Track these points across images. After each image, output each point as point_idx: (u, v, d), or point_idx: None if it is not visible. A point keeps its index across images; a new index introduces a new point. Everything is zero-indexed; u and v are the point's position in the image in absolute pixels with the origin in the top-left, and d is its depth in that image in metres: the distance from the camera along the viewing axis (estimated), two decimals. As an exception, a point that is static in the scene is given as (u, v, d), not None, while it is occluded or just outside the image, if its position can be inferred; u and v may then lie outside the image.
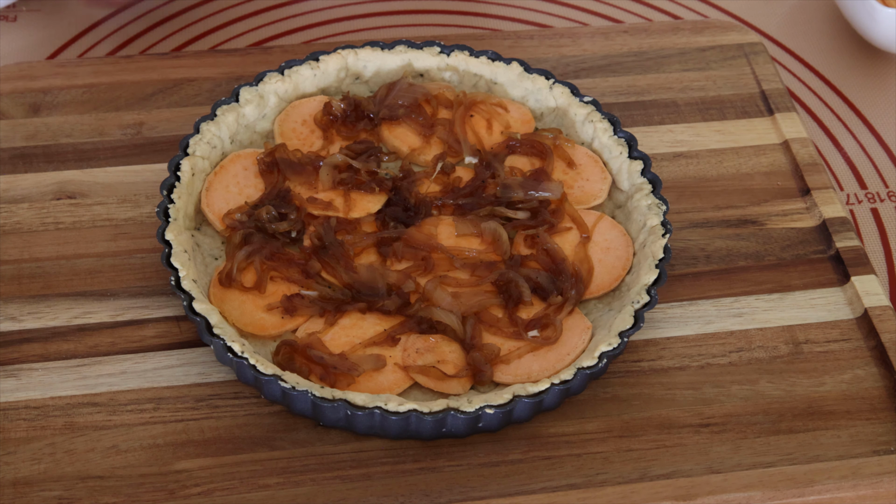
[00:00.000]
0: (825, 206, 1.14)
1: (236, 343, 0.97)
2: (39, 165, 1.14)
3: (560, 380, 0.97)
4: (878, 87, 1.36)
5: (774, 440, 0.99)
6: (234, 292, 1.03)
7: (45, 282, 1.06)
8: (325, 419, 0.97)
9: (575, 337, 1.02)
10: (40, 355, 1.02)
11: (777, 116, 1.22)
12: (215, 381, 1.01)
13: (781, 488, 0.96)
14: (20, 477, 0.95)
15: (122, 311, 1.05)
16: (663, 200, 1.08)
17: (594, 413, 1.00)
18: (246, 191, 1.10)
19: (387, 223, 1.09)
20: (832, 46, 1.40)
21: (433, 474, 0.96)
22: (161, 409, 0.99)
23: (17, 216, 1.11)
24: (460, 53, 1.18)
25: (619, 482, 0.96)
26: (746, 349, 1.05)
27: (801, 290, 1.09)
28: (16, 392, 1.00)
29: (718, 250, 1.11)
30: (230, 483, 0.95)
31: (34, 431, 0.98)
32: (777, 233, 1.13)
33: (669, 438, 0.99)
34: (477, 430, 0.98)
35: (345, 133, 1.15)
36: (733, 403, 1.01)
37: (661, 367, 1.04)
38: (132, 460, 0.96)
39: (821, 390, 1.03)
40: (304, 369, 0.99)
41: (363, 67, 1.19)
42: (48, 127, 1.17)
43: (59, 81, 1.21)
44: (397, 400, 0.95)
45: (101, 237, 1.10)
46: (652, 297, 1.02)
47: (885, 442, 0.99)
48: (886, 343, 1.05)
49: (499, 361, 1.01)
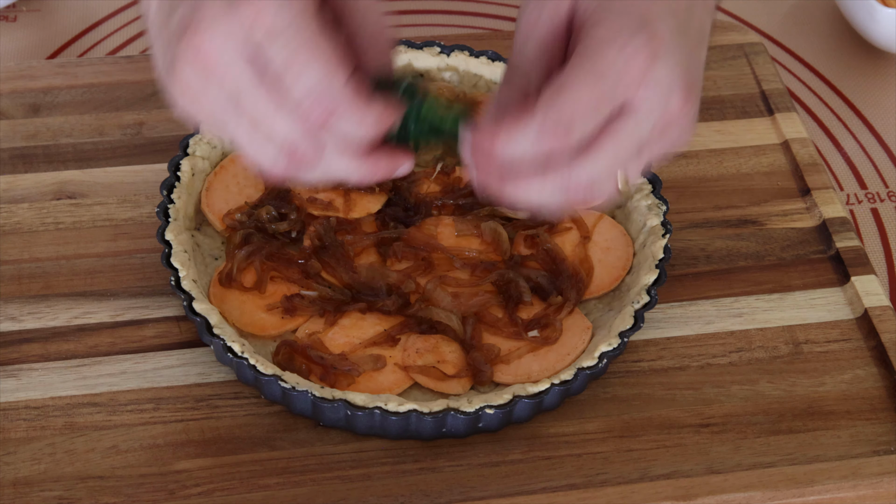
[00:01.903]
0: (825, 206, 1.14)
1: (236, 343, 0.97)
2: (39, 165, 1.14)
3: (560, 380, 0.97)
4: (878, 87, 1.36)
5: (774, 440, 0.99)
6: (234, 292, 1.04)
7: (45, 282, 1.06)
8: (325, 419, 0.98)
9: (575, 337, 1.02)
10: (40, 355, 1.02)
11: (777, 116, 1.22)
12: (215, 381, 1.01)
13: (781, 488, 0.96)
14: (20, 477, 0.95)
15: (122, 311, 1.05)
16: (663, 200, 1.08)
17: (594, 413, 1.00)
18: (246, 191, 1.10)
19: (387, 223, 1.09)
20: (832, 46, 1.40)
21: (433, 474, 0.96)
22: (161, 409, 0.99)
23: (17, 216, 1.11)
24: (460, 53, 1.18)
25: (619, 482, 0.96)
26: (746, 349, 1.05)
27: (801, 290, 1.09)
28: (16, 392, 1.00)
29: (718, 250, 1.11)
30: (230, 483, 0.95)
31: (34, 431, 0.98)
32: (777, 233, 1.13)
33: (669, 438, 0.99)
34: (477, 430, 0.98)
35: (345, 133, 1.15)
36: (733, 403, 1.01)
37: (661, 367, 1.04)
38: (132, 460, 0.96)
39: (821, 390, 1.03)
40: (304, 369, 0.99)
41: (363, 67, 1.19)
42: (48, 127, 1.17)
43: (59, 81, 1.21)
44: (397, 400, 0.95)
45: (101, 237, 1.10)
46: (652, 298, 1.02)
47: (885, 442, 0.99)
48: (886, 343, 1.05)
49: (499, 361, 1.01)
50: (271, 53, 0.79)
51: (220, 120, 0.83)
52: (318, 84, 0.79)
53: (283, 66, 0.79)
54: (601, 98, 0.81)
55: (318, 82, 0.79)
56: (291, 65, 0.79)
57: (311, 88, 0.79)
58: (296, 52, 0.79)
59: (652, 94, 0.82)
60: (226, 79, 0.80)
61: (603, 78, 0.81)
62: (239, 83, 0.80)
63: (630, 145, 0.82)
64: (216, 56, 0.80)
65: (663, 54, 0.82)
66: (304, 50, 0.79)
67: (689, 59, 0.84)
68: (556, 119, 0.80)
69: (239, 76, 0.80)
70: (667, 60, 0.82)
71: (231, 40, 0.79)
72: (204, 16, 0.80)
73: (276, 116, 0.80)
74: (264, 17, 0.79)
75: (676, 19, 0.84)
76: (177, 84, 0.82)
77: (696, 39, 0.86)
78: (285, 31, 0.79)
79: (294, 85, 0.79)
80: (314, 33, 0.79)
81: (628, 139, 0.82)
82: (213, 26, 0.80)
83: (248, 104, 0.80)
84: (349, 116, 0.80)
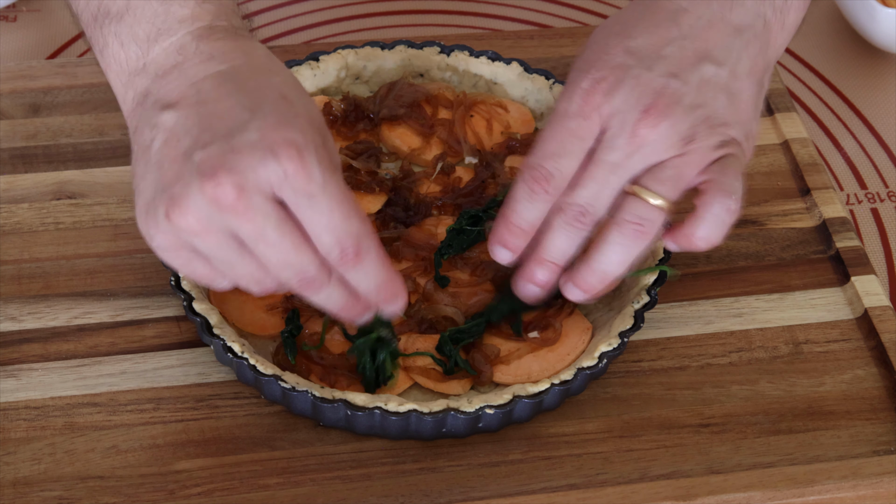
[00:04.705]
0: (825, 206, 1.14)
1: (236, 343, 0.97)
2: (39, 165, 1.14)
3: (560, 380, 0.97)
4: (878, 87, 1.36)
5: (774, 440, 0.99)
6: (235, 292, 1.03)
7: (45, 282, 1.06)
8: (325, 419, 0.97)
9: (575, 337, 1.02)
10: (40, 355, 1.02)
11: (777, 116, 1.22)
12: (215, 381, 1.01)
13: (781, 488, 0.96)
14: (20, 477, 0.95)
15: (122, 311, 1.05)
16: (663, 200, 1.08)
17: (594, 413, 1.00)
18: (246, 191, 1.10)
19: (387, 223, 1.09)
20: (832, 46, 1.40)
21: (433, 474, 0.96)
22: (161, 409, 0.99)
23: (17, 216, 1.11)
24: (460, 53, 1.18)
25: (619, 482, 0.96)
26: (746, 349, 1.05)
27: (801, 290, 1.09)
28: (16, 392, 1.00)
29: (718, 250, 1.11)
30: (230, 483, 0.95)
31: (34, 431, 0.98)
32: (777, 233, 1.13)
33: (669, 438, 0.99)
34: (477, 430, 0.98)
35: (345, 133, 1.15)
36: (733, 403, 1.01)
37: (661, 367, 1.04)
38: (132, 460, 0.96)
39: (821, 390, 1.03)
40: (305, 369, 0.99)
41: (363, 67, 1.19)
42: (48, 127, 1.17)
43: (59, 81, 1.21)
44: (397, 400, 0.95)
45: (101, 237, 1.10)
46: (652, 298, 1.02)
47: (886, 442, 0.99)
48: (886, 343, 1.05)
49: (499, 362, 1.01)
50: (305, 203, 0.85)
51: (210, 252, 0.87)
52: (357, 231, 0.87)
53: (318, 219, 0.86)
54: (565, 135, 0.93)
55: (356, 229, 0.87)
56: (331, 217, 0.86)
57: (351, 232, 0.86)
58: (337, 206, 0.86)
59: (610, 121, 0.93)
60: (252, 215, 0.85)
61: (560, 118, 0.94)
62: (266, 221, 0.85)
63: (608, 167, 0.92)
64: (247, 196, 0.84)
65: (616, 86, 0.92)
66: (346, 202, 0.86)
67: (653, 82, 0.92)
68: (533, 166, 0.93)
69: (269, 214, 0.85)
70: (620, 90, 0.92)
71: (265, 185, 0.84)
72: (241, 159, 0.84)
73: (303, 250, 0.86)
74: (305, 173, 0.84)
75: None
76: (180, 215, 0.85)
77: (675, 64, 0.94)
78: (324, 188, 0.85)
79: (331, 230, 0.86)
80: (346, 188, 0.87)
81: (603, 163, 0.93)
82: (249, 170, 0.84)
83: (272, 239, 0.85)
84: (374, 263, 0.89)
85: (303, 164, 0.84)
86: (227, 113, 0.86)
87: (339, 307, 0.91)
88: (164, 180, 0.86)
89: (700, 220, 0.94)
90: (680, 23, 0.95)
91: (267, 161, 0.84)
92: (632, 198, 0.93)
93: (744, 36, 0.95)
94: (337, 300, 0.90)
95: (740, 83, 0.95)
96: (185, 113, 0.87)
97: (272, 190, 0.84)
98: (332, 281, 0.88)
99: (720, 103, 0.94)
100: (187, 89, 0.88)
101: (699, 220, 0.94)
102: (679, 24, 0.95)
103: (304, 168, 0.84)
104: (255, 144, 0.84)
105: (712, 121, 0.93)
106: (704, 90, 0.93)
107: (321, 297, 0.89)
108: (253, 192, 0.84)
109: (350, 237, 0.86)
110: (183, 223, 0.85)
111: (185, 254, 0.88)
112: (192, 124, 0.86)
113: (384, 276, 0.90)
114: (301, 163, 0.84)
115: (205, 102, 0.87)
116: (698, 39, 0.94)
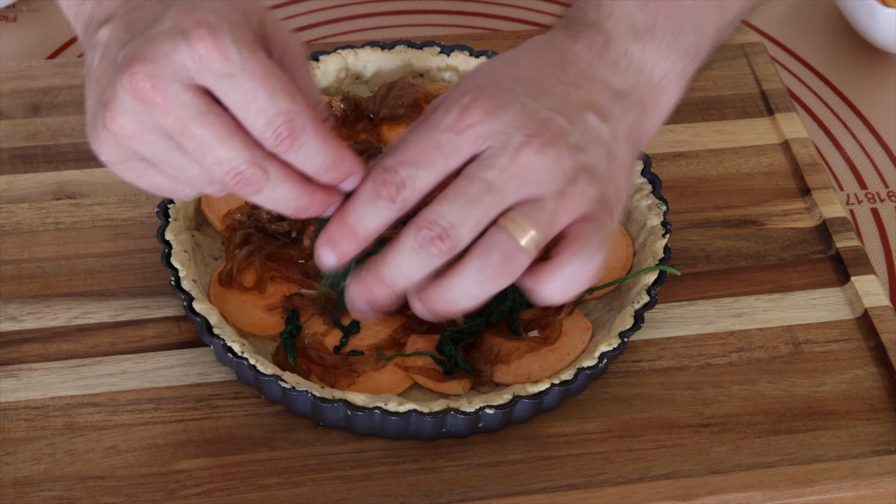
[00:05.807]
0: (825, 206, 1.14)
1: (236, 343, 0.97)
2: (39, 165, 1.14)
3: (560, 380, 0.97)
4: (878, 87, 1.36)
5: (774, 440, 0.99)
6: (234, 292, 1.04)
7: (45, 282, 1.06)
8: (325, 419, 0.98)
9: (575, 337, 1.02)
10: (40, 355, 1.02)
11: (777, 116, 1.22)
12: (215, 381, 1.01)
13: (781, 488, 0.96)
14: (20, 477, 0.95)
15: (122, 311, 1.05)
16: (663, 200, 1.08)
17: (594, 413, 1.00)
18: (246, 191, 1.10)
19: (387, 223, 1.09)
20: (832, 46, 1.40)
21: (433, 474, 0.96)
22: (161, 409, 0.99)
23: (17, 216, 1.11)
24: (460, 53, 1.18)
25: (619, 482, 0.96)
26: (746, 349, 1.05)
27: (801, 290, 1.09)
28: (16, 392, 1.00)
29: (718, 250, 1.11)
30: (230, 483, 0.95)
31: (34, 431, 0.98)
32: (777, 233, 1.13)
33: (669, 438, 0.99)
34: (477, 430, 0.98)
35: (345, 133, 1.15)
36: (733, 403, 1.01)
37: (661, 367, 1.04)
38: (132, 460, 0.96)
39: (821, 390, 1.03)
40: (305, 369, 0.99)
41: (363, 67, 1.19)
42: (48, 127, 1.17)
43: (59, 81, 1.21)
44: (397, 400, 0.95)
45: (101, 237, 1.10)
46: (652, 298, 1.02)
47: (886, 442, 0.99)
48: (886, 343, 1.05)
49: (499, 361, 1.01)
50: (226, 86, 0.80)
51: (154, 155, 0.83)
52: (287, 108, 0.81)
53: (242, 101, 0.80)
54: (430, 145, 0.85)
55: (285, 107, 0.81)
56: (255, 97, 0.80)
57: (281, 110, 0.81)
58: (260, 85, 0.80)
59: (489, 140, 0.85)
60: (171, 107, 0.81)
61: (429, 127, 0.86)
62: (186, 112, 0.80)
63: (482, 185, 0.84)
64: (164, 86, 0.80)
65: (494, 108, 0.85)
66: (270, 79, 0.81)
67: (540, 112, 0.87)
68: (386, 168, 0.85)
69: (188, 104, 0.80)
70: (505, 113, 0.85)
71: (182, 72, 0.80)
72: (153, 48, 0.80)
73: (229, 142, 0.81)
74: (219, 53, 0.80)
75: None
76: (112, 120, 0.82)
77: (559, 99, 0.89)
78: (243, 67, 0.80)
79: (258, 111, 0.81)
80: (271, 65, 0.81)
81: (476, 180, 0.84)
82: (162, 58, 0.80)
83: (196, 132, 0.81)
84: (313, 140, 0.82)
85: (216, 43, 0.79)
86: (149, 12, 0.83)
87: (292, 207, 0.84)
88: (100, 92, 0.84)
89: (557, 271, 0.86)
90: (567, 70, 0.90)
91: (179, 46, 0.79)
92: (501, 231, 0.85)
93: (623, 102, 0.91)
94: (286, 198, 0.84)
95: (619, 146, 0.90)
96: (116, 24, 0.85)
97: (191, 77, 0.80)
98: (272, 176, 0.82)
99: (601, 157, 0.88)
100: (120, 4, 0.86)
101: (557, 270, 0.86)
102: (566, 71, 0.90)
103: (218, 47, 0.79)
104: (168, 32, 0.80)
105: (593, 172, 0.87)
106: (587, 138, 0.87)
107: (265, 196, 0.83)
108: (169, 80, 0.80)
109: (280, 115, 0.80)
110: (116, 128, 0.82)
111: (135, 164, 0.85)
112: (121, 32, 0.84)
113: (330, 152, 0.83)
114: (214, 42, 0.79)
115: (132, 10, 0.85)
116: (583, 90, 0.89)
